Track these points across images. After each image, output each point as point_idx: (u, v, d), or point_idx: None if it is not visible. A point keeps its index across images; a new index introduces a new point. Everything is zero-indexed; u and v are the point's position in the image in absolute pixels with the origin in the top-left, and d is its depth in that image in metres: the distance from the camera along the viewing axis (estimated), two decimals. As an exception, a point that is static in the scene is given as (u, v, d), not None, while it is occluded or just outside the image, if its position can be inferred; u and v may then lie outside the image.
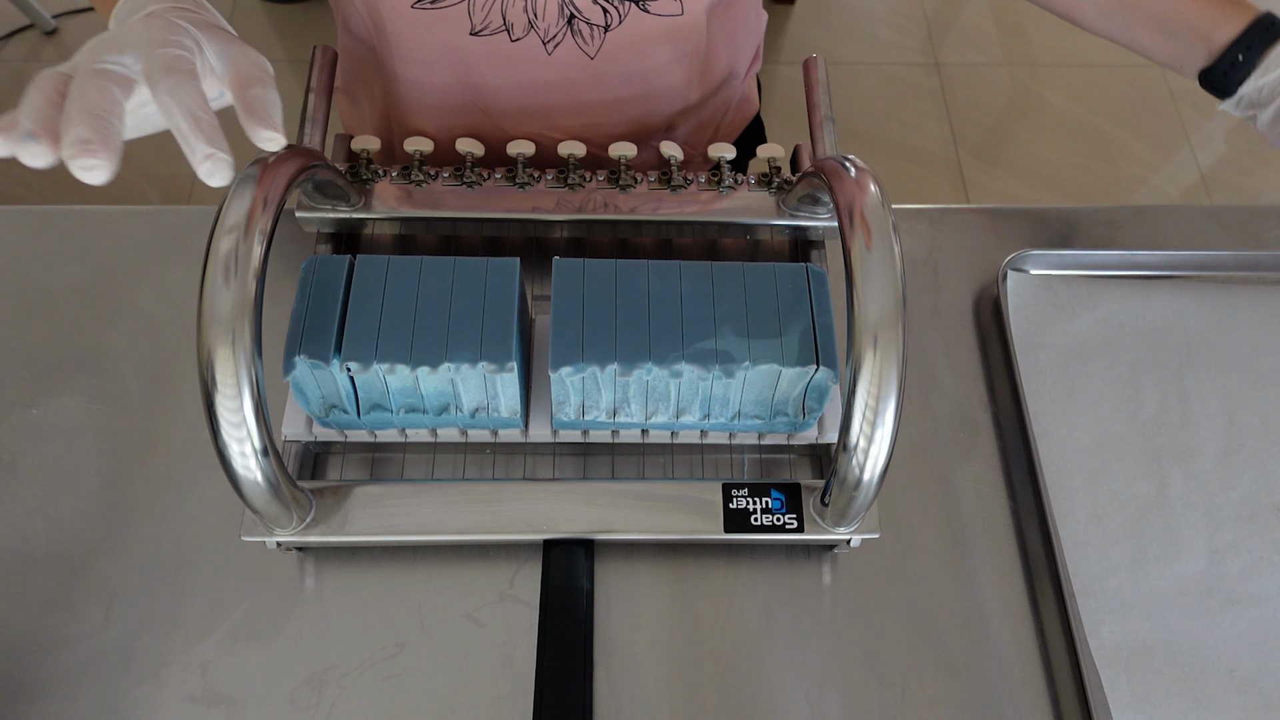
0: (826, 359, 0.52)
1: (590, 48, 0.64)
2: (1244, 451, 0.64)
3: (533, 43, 0.64)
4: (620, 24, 0.63)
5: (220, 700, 0.54)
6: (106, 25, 0.48)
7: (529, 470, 0.61)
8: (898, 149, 1.78)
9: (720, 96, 0.78)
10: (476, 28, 0.63)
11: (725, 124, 0.82)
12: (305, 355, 0.51)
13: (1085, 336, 0.67)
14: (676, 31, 0.65)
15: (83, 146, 0.36)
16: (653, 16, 0.63)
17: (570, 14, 0.62)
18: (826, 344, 0.52)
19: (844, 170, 0.49)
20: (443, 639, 0.56)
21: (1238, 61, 0.53)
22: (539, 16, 0.62)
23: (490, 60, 0.65)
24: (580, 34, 0.63)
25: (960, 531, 0.61)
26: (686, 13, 0.64)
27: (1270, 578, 0.59)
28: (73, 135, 0.36)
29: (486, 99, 0.68)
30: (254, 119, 0.41)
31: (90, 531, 0.59)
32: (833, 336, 0.53)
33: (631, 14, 0.63)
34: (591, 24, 0.63)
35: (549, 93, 0.68)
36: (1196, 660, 0.57)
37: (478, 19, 0.62)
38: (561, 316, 0.53)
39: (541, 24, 0.62)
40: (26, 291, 0.67)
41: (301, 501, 0.52)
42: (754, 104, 0.86)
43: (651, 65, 0.67)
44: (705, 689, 0.56)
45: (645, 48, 0.66)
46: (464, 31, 0.63)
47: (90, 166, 0.37)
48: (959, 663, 0.57)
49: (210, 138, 0.39)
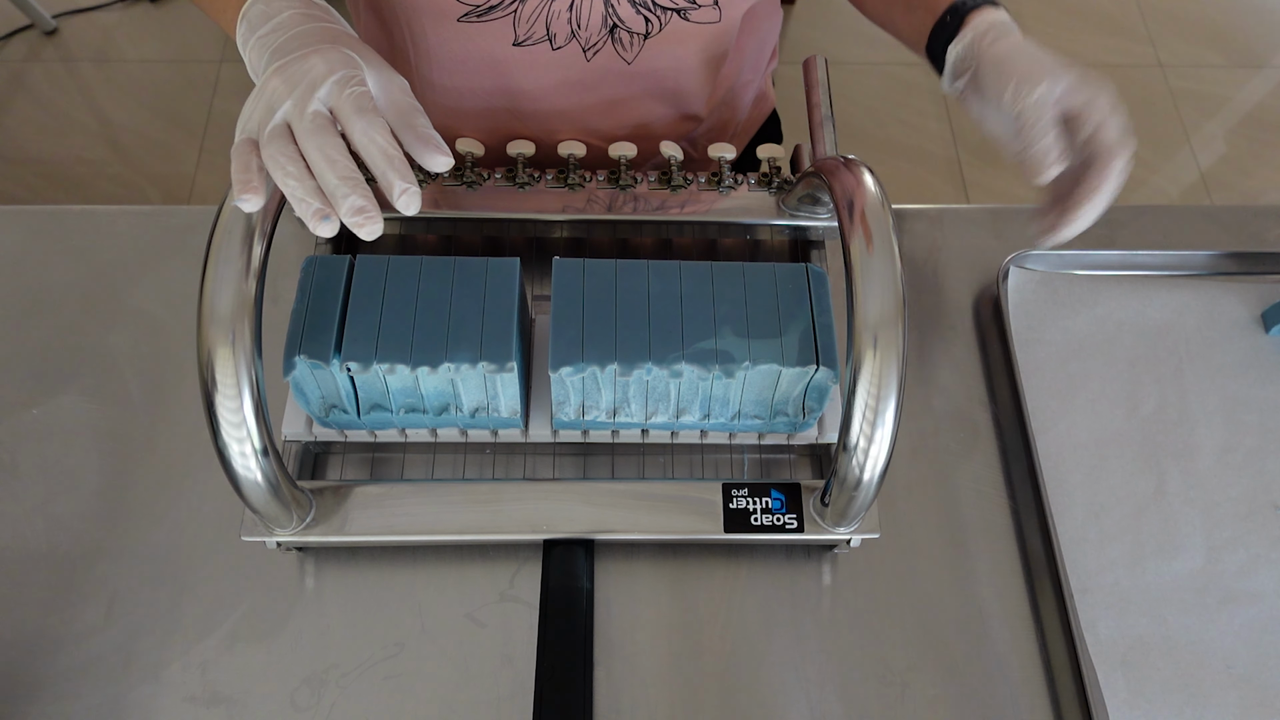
0: (826, 359, 0.52)
1: (629, 54, 0.65)
2: (1242, 449, 0.64)
3: (573, 50, 0.64)
4: (660, 31, 0.63)
5: (220, 700, 0.54)
6: (231, 28, 0.50)
7: (529, 470, 0.61)
8: (898, 149, 1.78)
9: (741, 93, 0.78)
10: (520, 39, 0.63)
11: (744, 119, 0.83)
12: (305, 355, 0.51)
13: (1085, 334, 0.67)
14: (711, 37, 0.66)
15: (363, 215, 0.42)
16: (692, 24, 0.64)
17: (613, 24, 0.62)
18: (826, 344, 0.52)
19: (844, 170, 0.49)
20: (443, 639, 0.56)
21: (945, 23, 0.54)
22: (582, 26, 0.62)
23: (528, 68, 0.66)
24: (620, 41, 0.64)
25: (960, 531, 0.61)
26: (724, 19, 0.64)
27: (1267, 575, 0.59)
28: (349, 205, 0.42)
29: (520, 102, 0.69)
30: (429, 148, 0.45)
31: (90, 531, 0.59)
32: (833, 336, 0.53)
33: (672, 22, 0.63)
34: (633, 33, 0.63)
35: (583, 95, 0.68)
36: (1193, 656, 0.57)
37: (522, 30, 0.62)
38: (561, 316, 0.53)
39: (584, 33, 0.63)
40: (26, 291, 0.67)
41: (301, 501, 0.52)
42: (771, 100, 0.87)
43: (684, 67, 0.68)
44: (705, 689, 0.56)
45: (680, 52, 0.66)
46: (507, 42, 0.63)
47: (373, 232, 0.43)
48: (959, 662, 0.57)
49: (403, 174, 0.43)
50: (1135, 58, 1.91)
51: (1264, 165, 1.79)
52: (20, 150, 1.68)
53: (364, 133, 0.43)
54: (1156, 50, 1.92)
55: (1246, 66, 1.91)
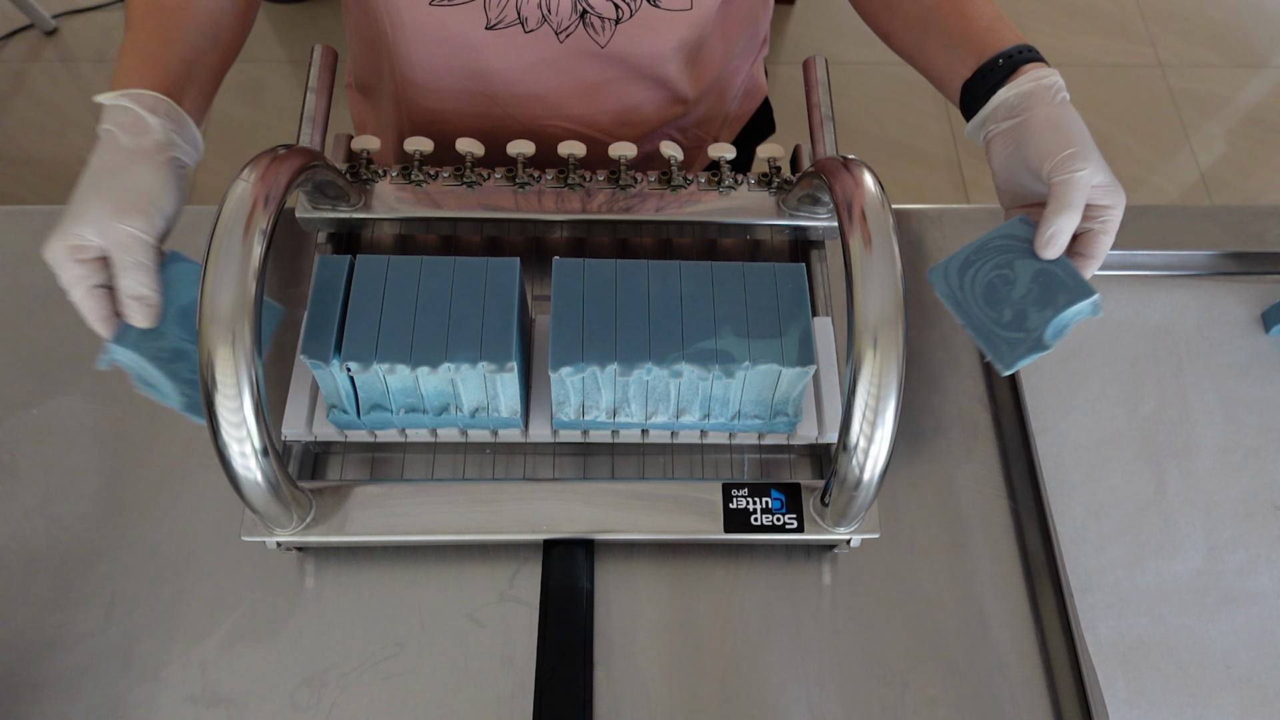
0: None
1: (601, 38, 0.65)
2: (1241, 449, 0.64)
3: (545, 33, 0.65)
4: (631, 18, 0.64)
5: (220, 700, 0.54)
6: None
7: (529, 470, 0.61)
8: (898, 149, 1.78)
9: (730, 79, 0.78)
10: (491, 22, 0.64)
11: (733, 108, 0.83)
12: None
13: (1085, 334, 0.67)
14: (685, 23, 0.66)
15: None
16: (663, 11, 0.64)
17: (583, 9, 0.63)
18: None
19: (844, 170, 0.49)
20: (443, 639, 0.56)
21: (996, 66, 0.55)
22: (552, 12, 0.63)
23: (502, 51, 0.67)
24: (592, 26, 0.64)
25: (960, 531, 0.61)
26: (696, 8, 0.65)
27: (1267, 575, 0.59)
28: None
29: (495, 85, 0.69)
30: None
31: (90, 531, 0.59)
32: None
33: (643, 9, 0.64)
34: (603, 18, 0.64)
35: (558, 76, 0.69)
36: (1193, 656, 0.57)
37: (493, 14, 0.63)
38: (561, 316, 0.53)
39: (555, 18, 0.64)
40: (26, 291, 0.67)
41: (301, 501, 0.52)
42: (762, 89, 0.87)
43: (659, 53, 0.68)
44: (705, 689, 0.56)
45: (654, 38, 0.67)
46: (479, 26, 0.64)
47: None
48: (959, 662, 0.57)
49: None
50: (1135, 58, 1.91)
51: (1264, 165, 1.79)
52: (20, 150, 1.68)
53: None
54: (1156, 50, 1.92)
55: (1246, 66, 1.91)
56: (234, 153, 1.83)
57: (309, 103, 0.63)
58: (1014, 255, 0.52)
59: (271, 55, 1.84)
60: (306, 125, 0.62)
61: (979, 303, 0.52)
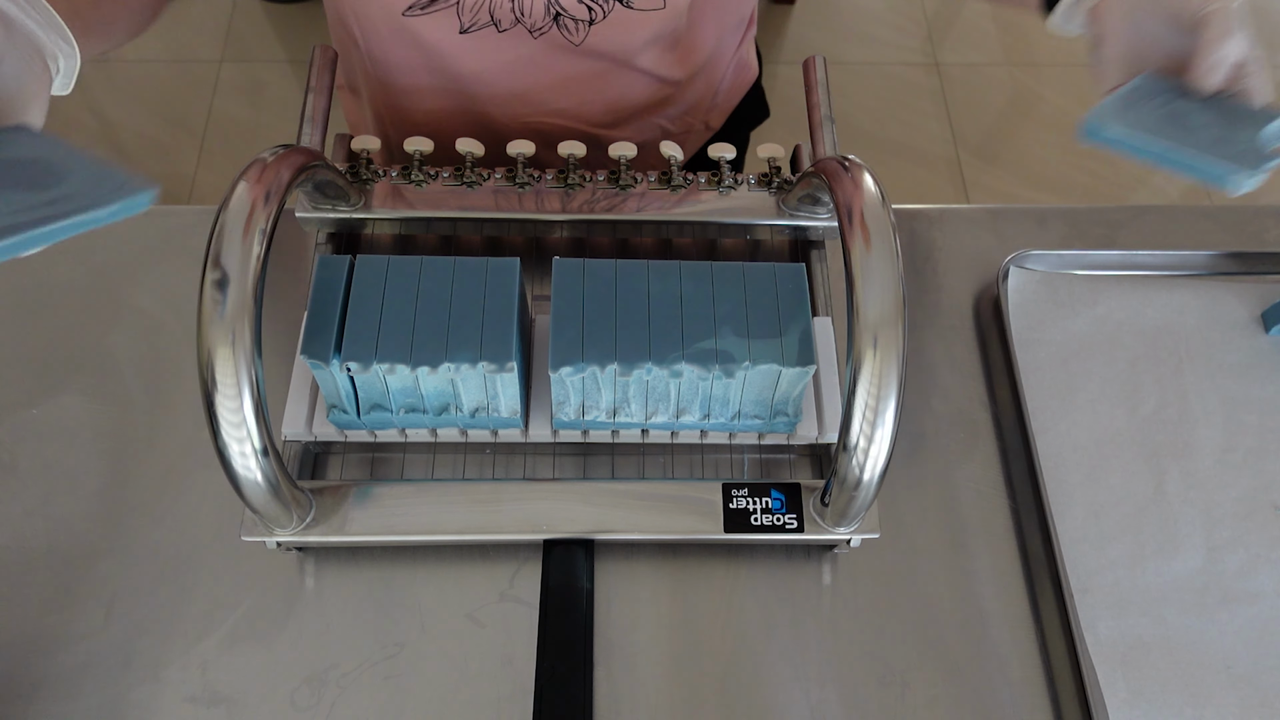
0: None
1: (575, 37, 0.65)
2: (1241, 449, 0.64)
3: (519, 32, 0.65)
4: (605, 19, 0.64)
5: (220, 700, 0.54)
6: None
7: (529, 470, 0.61)
8: (898, 149, 1.78)
9: (718, 62, 0.78)
10: (465, 26, 0.64)
11: (722, 92, 0.82)
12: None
13: (1085, 333, 0.67)
14: (659, 21, 0.66)
15: None
16: (636, 11, 0.64)
17: (556, 12, 0.63)
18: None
19: (844, 170, 0.49)
20: (443, 639, 0.56)
21: None
22: (526, 14, 0.63)
23: (477, 53, 0.67)
24: (565, 27, 0.64)
25: (960, 531, 0.61)
26: (669, 6, 0.65)
27: (1267, 575, 0.59)
28: None
29: (473, 86, 0.69)
30: None
31: (90, 531, 0.59)
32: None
33: (616, 10, 0.64)
34: (576, 20, 0.64)
35: (535, 73, 0.69)
36: (1193, 656, 0.57)
37: (466, 19, 0.63)
38: (561, 316, 0.53)
39: (528, 19, 0.64)
40: (26, 291, 0.67)
41: (301, 501, 0.52)
42: (752, 69, 0.86)
43: (635, 47, 0.68)
44: (705, 689, 0.56)
45: (628, 36, 0.67)
46: (454, 31, 0.65)
47: None
48: (959, 662, 0.57)
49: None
50: (1135, 58, 1.91)
51: (1264, 165, 1.79)
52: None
53: None
54: (1156, 50, 1.92)
55: (1246, 66, 1.91)
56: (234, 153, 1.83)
57: (309, 103, 0.63)
58: (1168, 97, 0.46)
59: (271, 55, 1.84)
60: (306, 125, 0.62)
61: (1168, 134, 0.45)
